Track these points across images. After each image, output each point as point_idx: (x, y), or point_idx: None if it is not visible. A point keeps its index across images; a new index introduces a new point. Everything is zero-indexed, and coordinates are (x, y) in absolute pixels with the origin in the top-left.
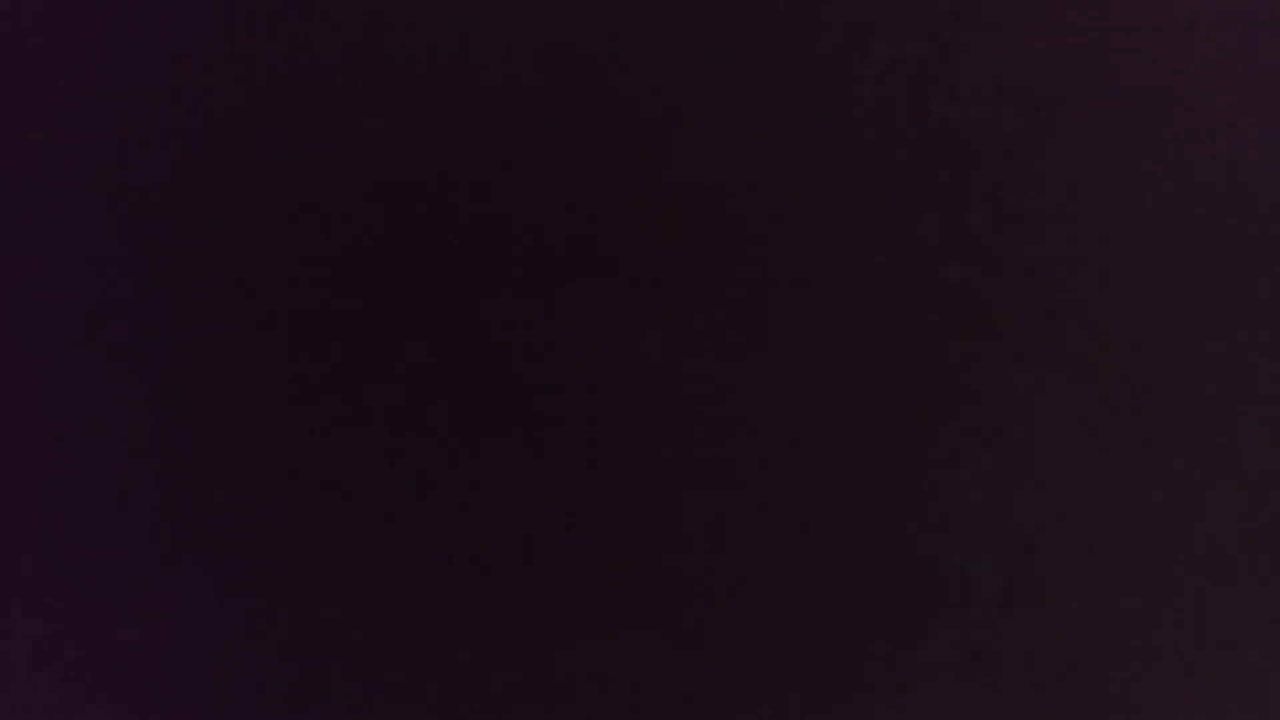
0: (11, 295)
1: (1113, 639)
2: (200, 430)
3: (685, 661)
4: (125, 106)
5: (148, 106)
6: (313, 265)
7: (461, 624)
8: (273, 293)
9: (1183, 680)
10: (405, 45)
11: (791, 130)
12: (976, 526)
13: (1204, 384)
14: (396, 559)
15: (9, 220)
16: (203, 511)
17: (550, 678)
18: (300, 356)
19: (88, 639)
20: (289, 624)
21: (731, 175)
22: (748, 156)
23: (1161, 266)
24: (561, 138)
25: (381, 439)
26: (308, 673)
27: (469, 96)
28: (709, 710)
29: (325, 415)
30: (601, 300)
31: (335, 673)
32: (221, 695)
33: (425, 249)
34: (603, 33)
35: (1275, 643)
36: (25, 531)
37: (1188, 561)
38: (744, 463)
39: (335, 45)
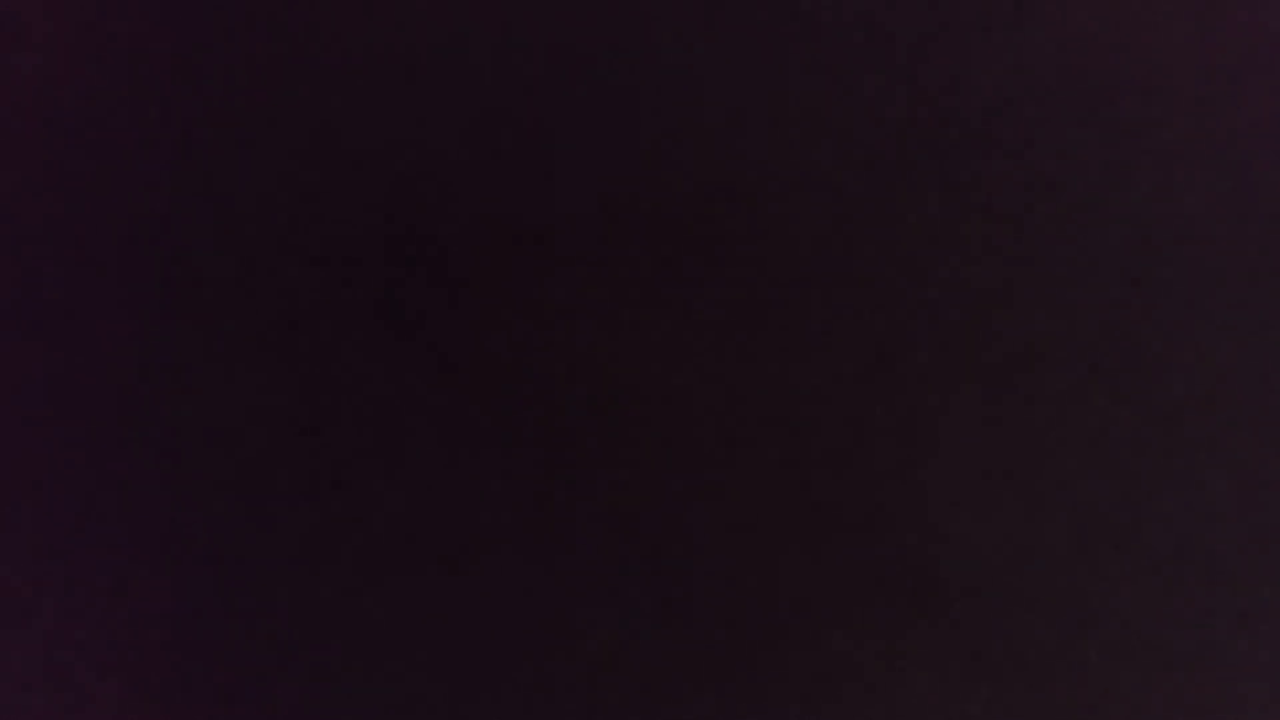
0: (11, 295)
1: (1112, 639)
2: (200, 430)
3: (681, 661)
4: (125, 106)
5: (147, 106)
6: (313, 265)
7: (460, 624)
8: (272, 291)
9: (1182, 680)
10: (406, 44)
11: (791, 129)
12: (976, 526)
13: (1204, 384)
14: (397, 559)
15: (9, 220)
16: (202, 511)
17: (549, 677)
18: (300, 356)
19: (88, 639)
20: (289, 624)
21: (730, 174)
22: (747, 155)
23: (1162, 266)
24: (560, 136)
25: (382, 438)
26: (307, 673)
27: (467, 95)
28: (706, 710)
29: (326, 415)
30: (600, 299)
31: (335, 673)
32: (221, 695)
33: (425, 248)
34: (602, 31)
35: (1276, 643)
36: (25, 532)
37: (1187, 561)
38: (742, 462)
39: (336, 44)
